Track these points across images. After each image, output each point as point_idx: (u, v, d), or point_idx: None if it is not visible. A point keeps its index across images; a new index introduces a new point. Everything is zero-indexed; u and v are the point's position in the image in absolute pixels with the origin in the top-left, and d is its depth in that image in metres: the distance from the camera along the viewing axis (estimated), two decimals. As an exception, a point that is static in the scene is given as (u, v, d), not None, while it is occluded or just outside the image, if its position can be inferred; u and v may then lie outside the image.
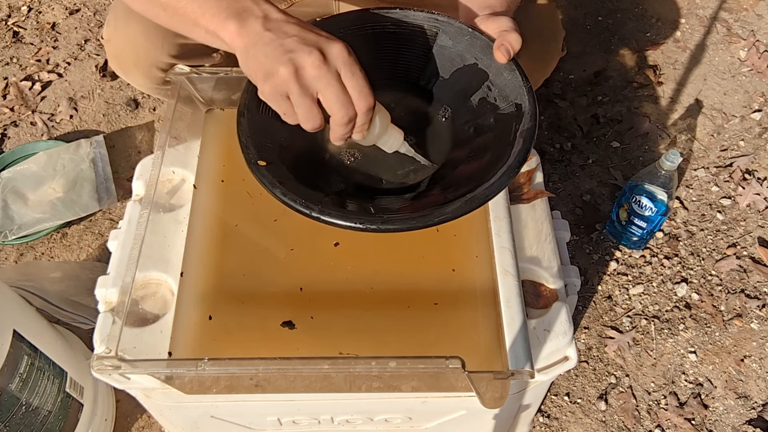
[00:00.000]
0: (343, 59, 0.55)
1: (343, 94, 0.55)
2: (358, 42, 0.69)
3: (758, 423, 1.06)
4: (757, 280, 1.21)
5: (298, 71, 0.54)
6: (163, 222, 0.74)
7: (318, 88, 0.55)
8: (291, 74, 0.53)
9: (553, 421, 1.08)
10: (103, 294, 0.71)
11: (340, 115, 0.56)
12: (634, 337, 1.15)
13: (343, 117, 0.56)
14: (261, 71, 0.55)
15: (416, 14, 0.68)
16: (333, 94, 0.55)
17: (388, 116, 0.63)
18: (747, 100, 1.47)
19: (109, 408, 1.02)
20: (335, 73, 0.55)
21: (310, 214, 0.57)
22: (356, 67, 0.55)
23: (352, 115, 0.56)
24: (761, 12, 1.63)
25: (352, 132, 0.59)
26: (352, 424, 0.78)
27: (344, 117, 0.56)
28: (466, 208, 0.57)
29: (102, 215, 1.30)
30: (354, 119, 0.57)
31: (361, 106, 0.56)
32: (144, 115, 1.46)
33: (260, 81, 0.56)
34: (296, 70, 0.53)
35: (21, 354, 0.80)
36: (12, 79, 1.51)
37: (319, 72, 0.54)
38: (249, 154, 0.61)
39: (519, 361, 0.62)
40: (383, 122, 0.62)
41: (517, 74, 0.63)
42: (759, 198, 1.30)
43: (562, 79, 1.51)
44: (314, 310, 0.70)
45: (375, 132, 0.61)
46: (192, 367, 0.58)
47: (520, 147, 0.60)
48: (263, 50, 0.54)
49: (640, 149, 1.39)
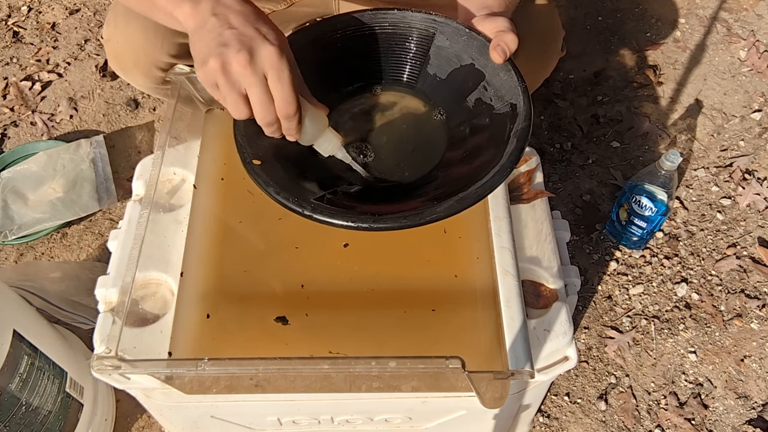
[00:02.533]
0: (272, 63, 0.55)
1: (265, 96, 0.56)
2: (356, 43, 0.70)
3: (758, 423, 1.06)
4: (757, 280, 1.21)
5: (225, 66, 0.55)
6: (163, 222, 0.74)
7: (244, 85, 0.56)
8: (219, 68, 0.55)
9: (553, 421, 1.08)
10: (103, 294, 0.71)
11: (261, 116, 0.57)
12: (634, 337, 1.15)
13: (263, 118, 0.57)
14: (198, 57, 0.57)
15: (414, 15, 0.68)
16: (254, 96, 0.56)
17: (323, 120, 0.63)
18: (747, 100, 1.47)
19: (109, 408, 1.02)
20: (261, 75, 0.55)
21: (303, 212, 0.58)
22: (284, 72, 0.56)
23: (272, 119, 0.58)
24: (761, 12, 1.63)
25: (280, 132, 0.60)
26: (352, 424, 0.78)
27: (264, 118, 0.57)
28: (458, 207, 0.57)
29: (102, 215, 1.30)
30: (276, 122, 0.58)
31: (281, 112, 0.57)
32: (144, 115, 1.46)
33: (196, 66, 0.57)
34: (223, 65, 0.55)
35: (21, 354, 0.80)
36: (12, 79, 1.51)
37: (245, 71, 0.55)
38: (244, 153, 0.62)
39: (519, 361, 0.63)
40: (315, 126, 0.62)
41: (513, 74, 0.63)
42: (759, 198, 1.30)
43: (562, 79, 1.51)
44: (315, 309, 0.70)
45: (306, 136, 0.62)
46: (192, 367, 0.58)
47: (513, 147, 0.60)
48: (204, 37, 0.56)
49: (640, 149, 1.39)
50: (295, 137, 0.61)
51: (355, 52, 0.70)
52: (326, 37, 0.70)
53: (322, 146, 0.64)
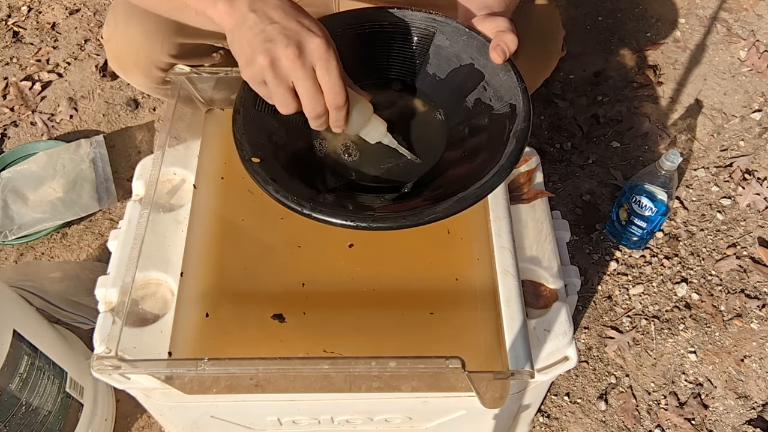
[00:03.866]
0: (319, 55, 0.55)
1: (315, 89, 0.56)
2: (355, 41, 0.70)
3: (758, 423, 1.06)
4: (757, 280, 1.21)
5: (274, 62, 0.55)
6: (163, 222, 0.74)
7: (292, 79, 0.56)
8: (267, 64, 0.55)
9: (553, 421, 1.08)
10: (103, 294, 0.71)
11: (310, 108, 0.57)
12: (634, 337, 1.15)
13: (312, 110, 0.57)
14: (243, 56, 0.56)
15: (414, 14, 0.68)
16: (304, 88, 0.56)
17: (369, 108, 0.63)
18: (747, 100, 1.47)
19: (109, 408, 1.02)
20: (310, 68, 0.55)
21: (302, 211, 0.58)
22: (332, 63, 0.56)
23: (322, 111, 0.58)
24: (761, 12, 1.63)
25: (328, 124, 0.60)
26: (352, 424, 0.78)
27: (314, 111, 0.57)
28: (456, 208, 0.57)
29: (102, 215, 1.30)
30: (325, 113, 0.58)
31: (332, 103, 0.57)
32: (144, 115, 1.46)
33: (241, 65, 0.57)
34: (272, 61, 0.55)
35: (21, 354, 0.80)
36: (12, 79, 1.51)
37: (294, 65, 0.55)
38: (243, 151, 0.62)
39: (519, 361, 0.63)
40: (362, 115, 0.62)
41: (513, 75, 0.63)
42: (759, 198, 1.30)
43: (562, 79, 1.51)
44: (315, 308, 0.70)
45: (354, 126, 0.62)
46: (192, 367, 0.58)
47: (512, 147, 0.60)
48: (246, 35, 0.55)
49: (640, 149, 1.39)
50: (342, 128, 0.61)
51: (355, 51, 0.70)
52: None
53: (370, 134, 0.64)
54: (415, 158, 0.67)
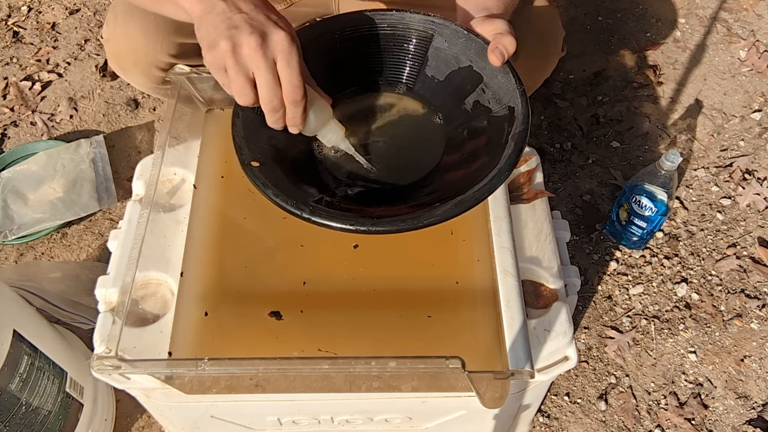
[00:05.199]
0: (282, 47, 0.55)
1: (273, 80, 0.56)
2: (354, 43, 0.70)
3: (758, 423, 1.06)
4: (757, 280, 1.21)
5: (236, 48, 0.55)
6: (163, 222, 0.74)
7: (252, 68, 0.56)
8: (229, 49, 0.55)
9: (553, 421, 1.08)
10: (103, 294, 0.71)
11: (267, 100, 0.57)
12: (634, 337, 1.15)
13: (269, 102, 0.57)
14: (206, 41, 0.56)
15: (413, 16, 0.68)
16: (262, 79, 0.56)
17: (328, 110, 0.63)
18: (747, 100, 1.47)
19: (109, 408, 1.02)
20: (271, 59, 0.55)
21: (301, 215, 0.58)
22: (294, 57, 0.56)
23: (278, 104, 0.57)
24: (761, 12, 1.63)
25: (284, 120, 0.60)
26: (352, 424, 0.78)
27: (270, 103, 0.57)
28: (456, 211, 0.57)
29: (102, 215, 1.30)
30: (282, 108, 0.58)
31: (289, 97, 0.57)
32: (144, 115, 1.46)
33: (204, 50, 0.57)
34: (234, 47, 0.55)
35: (21, 354, 0.80)
36: (12, 79, 1.51)
37: (256, 54, 0.55)
38: (242, 155, 0.62)
39: (519, 361, 0.63)
40: (319, 116, 0.62)
41: (511, 77, 0.63)
42: (759, 198, 1.30)
43: (562, 79, 1.51)
44: (316, 307, 0.70)
45: (311, 126, 0.62)
46: (192, 367, 0.58)
47: (511, 150, 0.60)
48: (213, 20, 0.56)
49: (640, 149, 1.39)
50: (299, 127, 0.61)
51: (353, 52, 0.70)
52: (324, 38, 0.69)
53: (326, 137, 0.64)
54: (370, 167, 0.67)
